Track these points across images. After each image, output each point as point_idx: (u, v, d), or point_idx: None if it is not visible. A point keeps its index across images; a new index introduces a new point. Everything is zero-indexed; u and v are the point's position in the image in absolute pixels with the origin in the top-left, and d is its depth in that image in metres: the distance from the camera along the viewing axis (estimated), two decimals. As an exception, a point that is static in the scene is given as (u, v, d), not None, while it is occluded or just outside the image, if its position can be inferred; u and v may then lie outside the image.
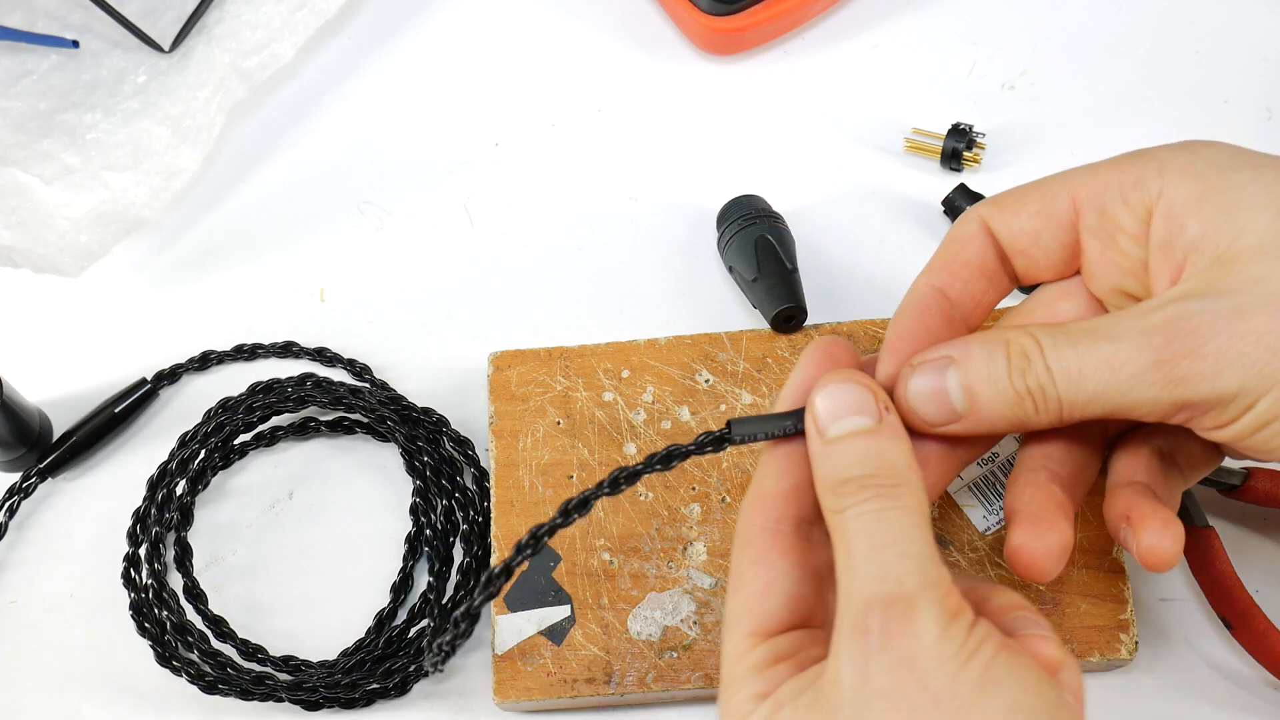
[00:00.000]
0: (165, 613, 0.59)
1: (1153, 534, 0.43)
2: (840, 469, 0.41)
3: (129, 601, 0.59)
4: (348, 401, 0.61)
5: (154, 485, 0.61)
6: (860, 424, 0.41)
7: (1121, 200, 0.43)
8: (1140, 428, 0.46)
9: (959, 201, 0.64)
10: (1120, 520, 0.44)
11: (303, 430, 0.63)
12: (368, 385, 0.63)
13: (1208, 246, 0.40)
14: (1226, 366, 0.39)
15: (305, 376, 0.62)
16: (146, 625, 0.59)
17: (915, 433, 0.43)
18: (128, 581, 0.59)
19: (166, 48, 0.67)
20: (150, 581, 0.59)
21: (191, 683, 0.57)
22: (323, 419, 0.63)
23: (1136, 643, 0.54)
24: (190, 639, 0.58)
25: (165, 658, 0.58)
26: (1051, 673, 0.39)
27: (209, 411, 0.62)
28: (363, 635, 0.59)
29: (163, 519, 0.60)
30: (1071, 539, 0.44)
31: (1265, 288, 0.39)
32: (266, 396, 0.62)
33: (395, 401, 0.62)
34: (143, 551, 0.60)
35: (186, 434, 0.62)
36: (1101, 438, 0.47)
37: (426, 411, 0.62)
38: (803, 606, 0.42)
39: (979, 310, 0.46)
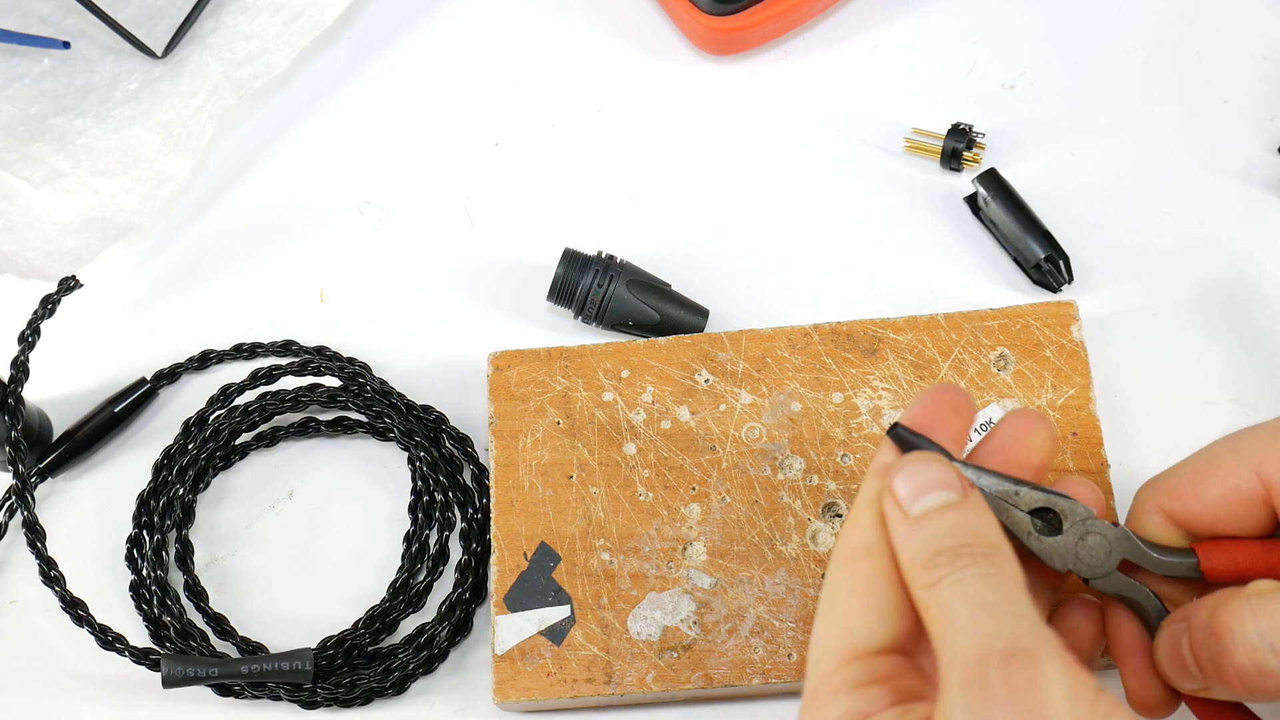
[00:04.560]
0: (168, 617, 0.59)
1: None
2: (931, 543, 0.40)
3: (129, 583, 0.60)
4: (341, 400, 0.61)
5: (159, 469, 0.62)
6: (946, 498, 0.41)
7: None
8: None
9: (987, 188, 0.63)
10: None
11: (303, 429, 0.63)
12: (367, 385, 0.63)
13: None
14: None
15: (305, 362, 0.63)
16: (143, 606, 0.59)
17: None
18: (131, 561, 0.60)
19: (160, 54, 0.67)
20: (150, 574, 0.59)
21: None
22: (322, 418, 0.63)
23: (1136, 642, 0.54)
24: (192, 641, 0.59)
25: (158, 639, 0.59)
26: None
27: (212, 397, 0.62)
28: (348, 626, 0.59)
29: (167, 509, 0.60)
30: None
31: None
32: (268, 384, 0.62)
33: (392, 397, 0.62)
34: (147, 541, 0.60)
35: (190, 420, 0.62)
36: None
37: (426, 409, 0.62)
38: (901, 632, 0.41)
39: None
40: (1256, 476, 0.43)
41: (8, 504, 0.62)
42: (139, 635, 0.60)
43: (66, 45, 0.67)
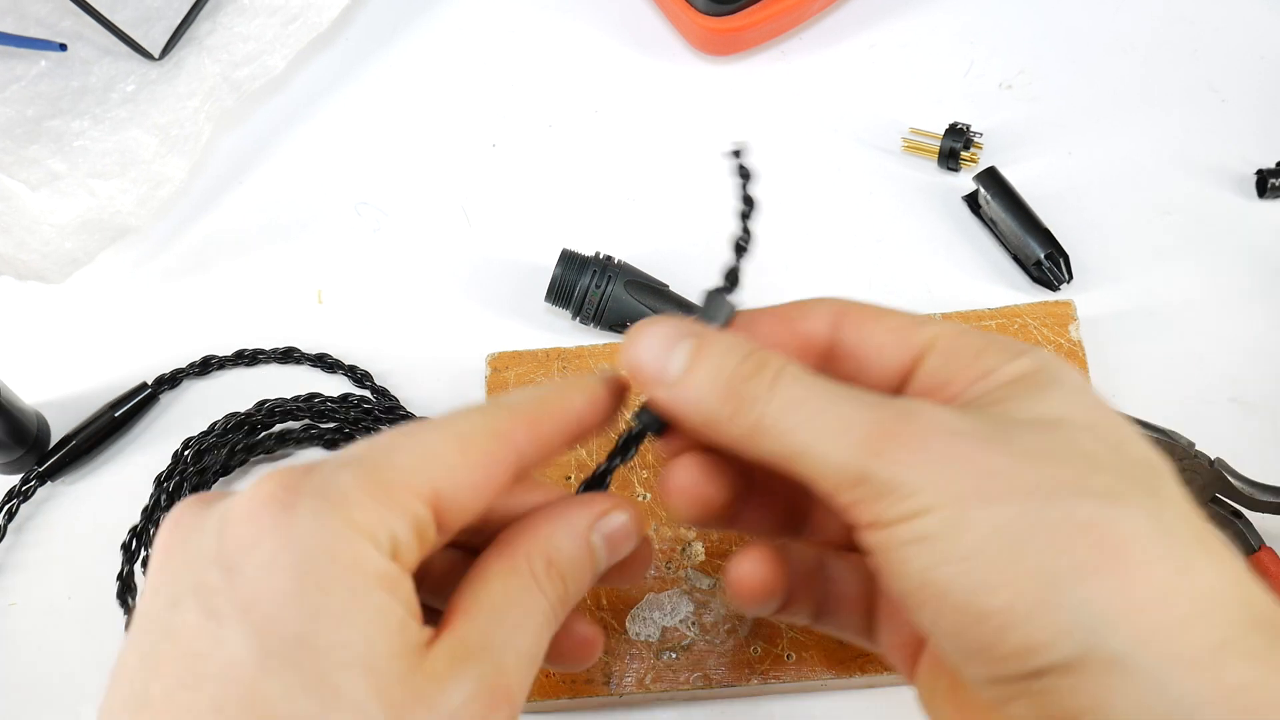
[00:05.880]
0: None
1: (739, 564, 0.41)
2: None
3: (115, 588, 0.60)
4: (341, 417, 0.62)
5: (159, 484, 0.61)
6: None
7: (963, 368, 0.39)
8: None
9: (987, 187, 0.63)
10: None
11: (304, 438, 0.63)
12: (369, 392, 0.63)
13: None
14: (927, 465, 0.35)
15: (310, 396, 0.62)
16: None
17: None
18: (123, 599, 0.60)
19: (157, 56, 0.67)
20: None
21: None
22: (324, 425, 0.63)
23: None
24: None
25: None
26: None
27: (214, 424, 0.62)
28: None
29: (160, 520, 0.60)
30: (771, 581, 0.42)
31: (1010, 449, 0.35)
32: (270, 416, 0.62)
33: (393, 412, 0.62)
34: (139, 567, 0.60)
35: (190, 439, 0.62)
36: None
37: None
38: None
39: None
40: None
41: (7, 507, 0.62)
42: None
43: (63, 47, 0.67)
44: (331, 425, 0.63)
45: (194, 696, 0.32)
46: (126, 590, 0.60)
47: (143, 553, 0.60)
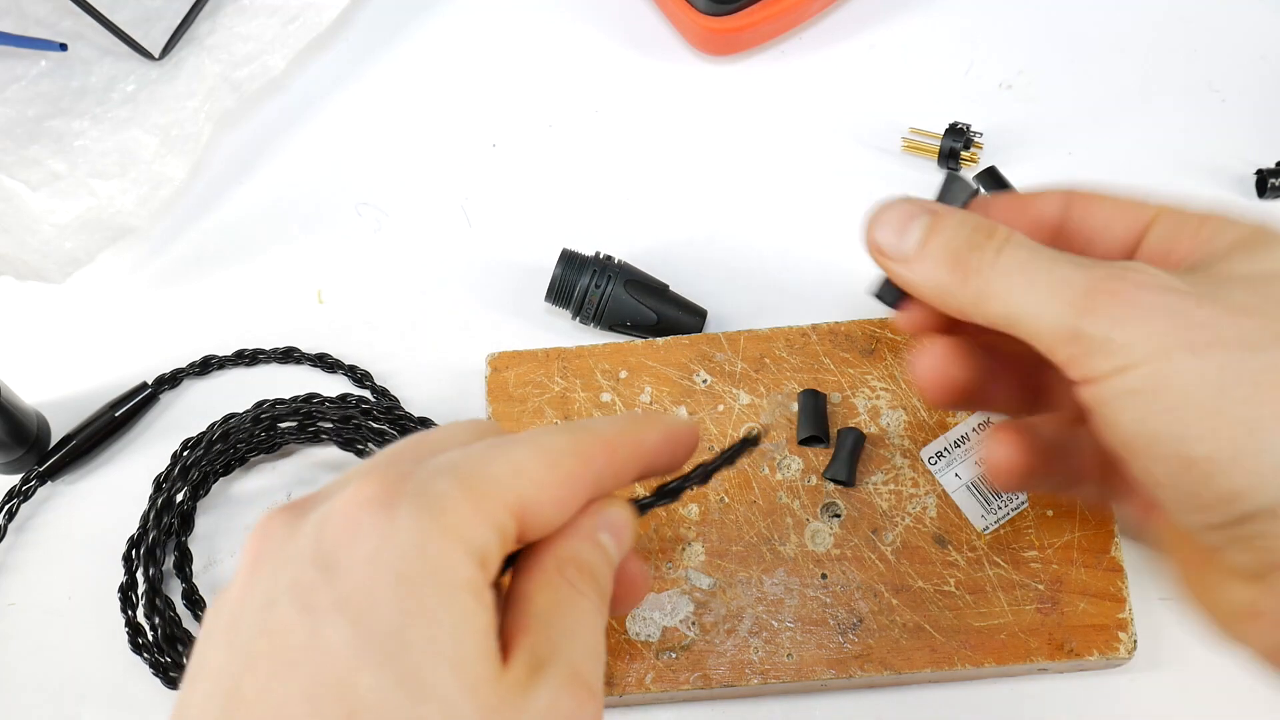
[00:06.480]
0: (160, 622, 0.59)
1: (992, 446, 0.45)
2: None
3: (124, 620, 0.59)
4: (341, 423, 0.62)
5: (159, 485, 0.61)
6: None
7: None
8: None
9: (987, 187, 0.63)
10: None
11: (304, 438, 0.63)
12: (369, 393, 0.63)
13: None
14: (1136, 320, 0.38)
15: (309, 397, 0.62)
16: (140, 641, 0.59)
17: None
18: (124, 601, 0.60)
19: (157, 56, 0.67)
20: (144, 601, 0.59)
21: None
22: (323, 425, 0.63)
23: (1135, 641, 0.54)
24: (181, 648, 0.59)
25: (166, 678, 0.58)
26: None
27: (213, 424, 0.62)
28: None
29: (161, 523, 0.60)
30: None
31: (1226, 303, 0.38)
32: (271, 413, 0.62)
33: (392, 412, 0.62)
34: (139, 575, 0.60)
35: (189, 440, 0.62)
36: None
37: (424, 421, 0.62)
38: None
39: None
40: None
41: (7, 506, 0.62)
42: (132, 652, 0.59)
43: (64, 47, 0.67)
44: (331, 425, 0.63)
45: (287, 688, 0.33)
46: (127, 603, 0.59)
47: (141, 562, 0.60)
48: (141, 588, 0.59)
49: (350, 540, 0.34)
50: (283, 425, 0.62)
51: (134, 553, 0.60)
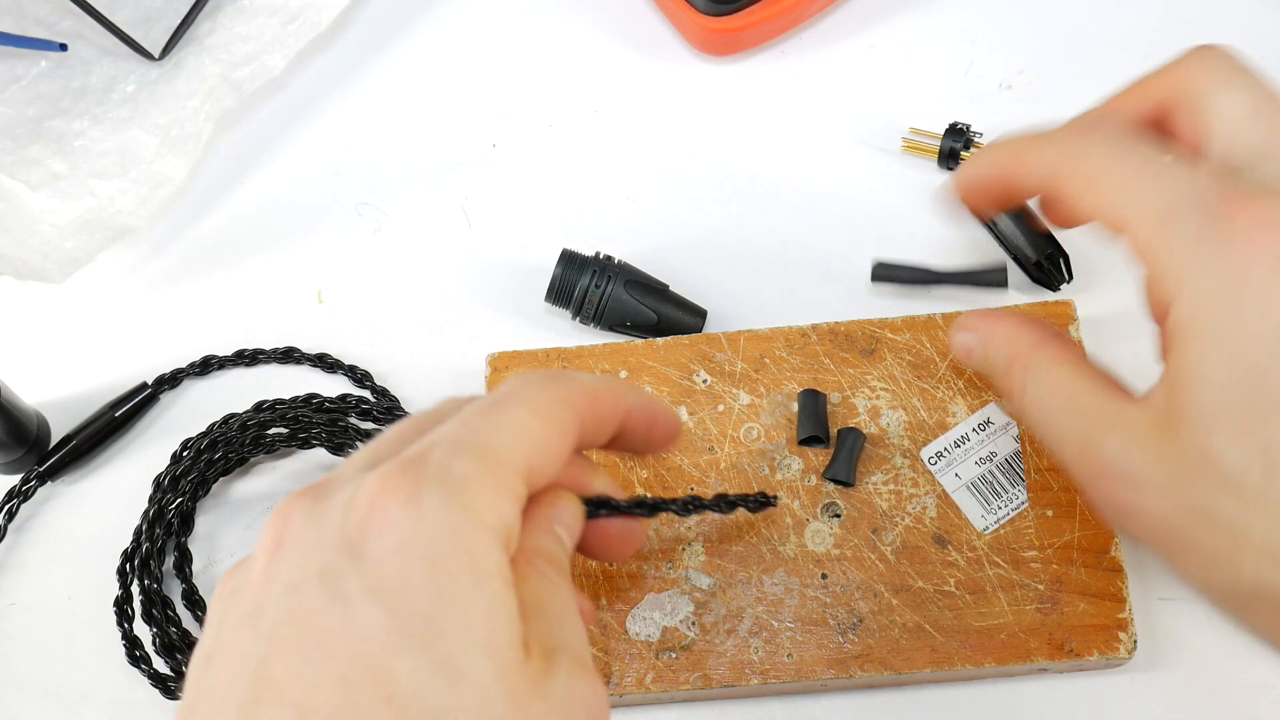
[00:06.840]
0: (158, 632, 0.59)
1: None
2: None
3: (121, 634, 0.59)
4: (342, 423, 0.62)
5: (158, 486, 0.61)
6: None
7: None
8: None
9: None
10: None
11: (303, 438, 0.63)
12: (369, 392, 0.63)
13: None
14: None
15: (309, 397, 0.62)
16: (137, 653, 0.59)
17: None
18: (120, 614, 0.60)
19: (157, 56, 0.67)
20: (142, 612, 0.59)
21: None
22: (323, 425, 0.63)
23: (1135, 641, 0.54)
24: (180, 656, 0.59)
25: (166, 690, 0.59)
26: None
27: (212, 425, 0.62)
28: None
29: (156, 529, 0.60)
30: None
31: None
32: (270, 414, 0.62)
33: (392, 412, 0.62)
34: (134, 588, 0.60)
35: (188, 440, 0.62)
36: None
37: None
38: None
39: None
40: None
41: (7, 507, 0.62)
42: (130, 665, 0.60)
43: (63, 47, 0.67)
44: (329, 425, 0.63)
45: (319, 672, 0.34)
46: (123, 615, 0.59)
47: (136, 574, 0.60)
48: (138, 599, 0.59)
49: (378, 528, 0.35)
50: (271, 432, 0.62)
51: (128, 566, 0.60)
